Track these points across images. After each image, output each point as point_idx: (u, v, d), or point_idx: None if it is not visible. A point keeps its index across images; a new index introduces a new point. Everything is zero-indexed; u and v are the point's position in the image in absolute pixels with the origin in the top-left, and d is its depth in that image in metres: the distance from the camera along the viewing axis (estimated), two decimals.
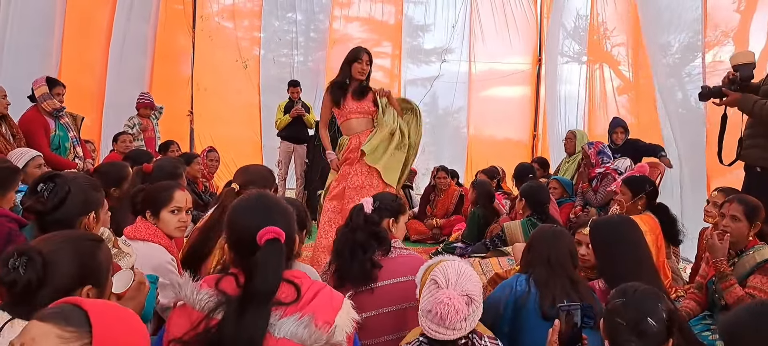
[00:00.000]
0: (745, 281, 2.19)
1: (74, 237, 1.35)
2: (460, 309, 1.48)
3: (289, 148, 6.35)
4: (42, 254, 1.22)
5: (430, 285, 1.57)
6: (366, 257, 1.98)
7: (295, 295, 1.27)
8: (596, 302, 1.87)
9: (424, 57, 8.23)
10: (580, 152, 4.78)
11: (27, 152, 2.99)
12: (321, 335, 1.21)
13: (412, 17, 8.10)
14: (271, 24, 7.74)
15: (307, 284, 1.32)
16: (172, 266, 1.94)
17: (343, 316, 1.30)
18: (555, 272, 1.91)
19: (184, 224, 2.06)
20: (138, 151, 4.09)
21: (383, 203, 2.13)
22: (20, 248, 1.22)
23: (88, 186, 1.73)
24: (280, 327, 1.21)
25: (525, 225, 3.34)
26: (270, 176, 2.35)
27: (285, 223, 1.33)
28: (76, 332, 0.82)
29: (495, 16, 7.71)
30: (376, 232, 2.04)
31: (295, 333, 1.20)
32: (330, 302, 1.31)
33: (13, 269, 1.18)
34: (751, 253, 2.23)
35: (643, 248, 2.12)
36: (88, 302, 0.89)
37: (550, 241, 2.00)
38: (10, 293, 1.20)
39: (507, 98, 8.12)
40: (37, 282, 1.19)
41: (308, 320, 1.22)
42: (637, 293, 1.42)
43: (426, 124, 8.14)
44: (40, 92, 3.71)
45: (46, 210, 1.64)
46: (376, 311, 1.96)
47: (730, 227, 2.27)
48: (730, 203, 2.32)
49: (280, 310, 1.24)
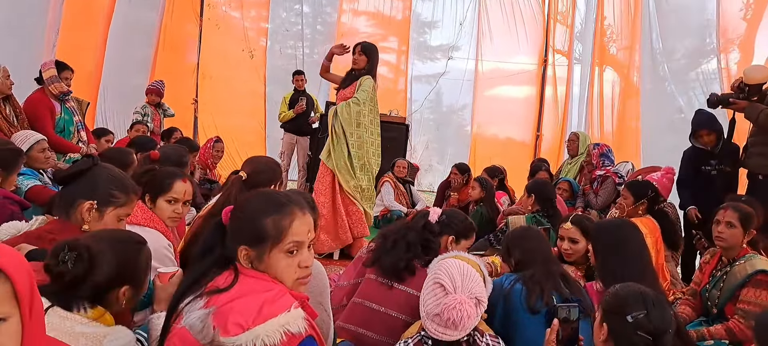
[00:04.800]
0: (737, 292, 2.21)
1: (120, 238, 1.42)
2: (471, 313, 1.49)
3: (293, 139, 6.37)
4: (90, 251, 1.27)
5: (435, 288, 1.56)
6: (404, 256, 1.98)
7: (228, 285, 1.15)
8: (584, 295, 1.90)
9: (430, 54, 8.23)
10: (583, 154, 4.77)
11: (32, 135, 2.99)
12: (210, 333, 1.07)
13: (420, 14, 8.09)
14: (279, 15, 7.74)
15: (252, 282, 1.17)
16: (168, 251, 1.94)
17: (269, 327, 1.06)
18: (549, 270, 1.92)
19: (179, 216, 2.03)
20: (144, 137, 4.10)
21: (450, 219, 2.13)
22: (71, 242, 1.28)
23: (111, 178, 1.68)
24: (189, 315, 1.13)
25: (530, 220, 3.34)
26: (277, 167, 2.35)
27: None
28: None
29: (504, 15, 7.70)
30: (428, 239, 2.04)
31: (193, 325, 1.10)
32: (260, 308, 1.09)
33: (63, 262, 1.25)
34: (742, 262, 2.25)
35: (644, 252, 2.13)
36: None
37: (536, 240, 2.03)
38: (55, 283, 1.25)
39: (511, 98, 8.11)
40: (83, 277, 1.25)
41: (206, 313, 1.09)
42: (656, 304, 1.40)
43: (430, 121, 8.23)
44: (49, 75, 3.72)
45: (59, 178, 1.68)
46: (384, 308, 1.96)
47: (725, 234, 2.28)
48: (725, 210, 2.34)
49: (211, 299, 1.13)
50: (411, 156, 6.93)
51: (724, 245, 2.32)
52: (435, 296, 1.55)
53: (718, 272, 2.36)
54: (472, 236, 2.21)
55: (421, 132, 8.06)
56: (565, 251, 2.51)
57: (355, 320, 1.98)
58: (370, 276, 2.04)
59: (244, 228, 1.21)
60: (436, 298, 1.54)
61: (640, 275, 1.88)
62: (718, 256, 2.42)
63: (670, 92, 4.71)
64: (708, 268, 2.45)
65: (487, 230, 4.09)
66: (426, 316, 1.56)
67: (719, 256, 2.41)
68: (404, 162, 5.63)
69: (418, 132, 7.97)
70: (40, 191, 2.68)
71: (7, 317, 0.87)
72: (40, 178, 2.87)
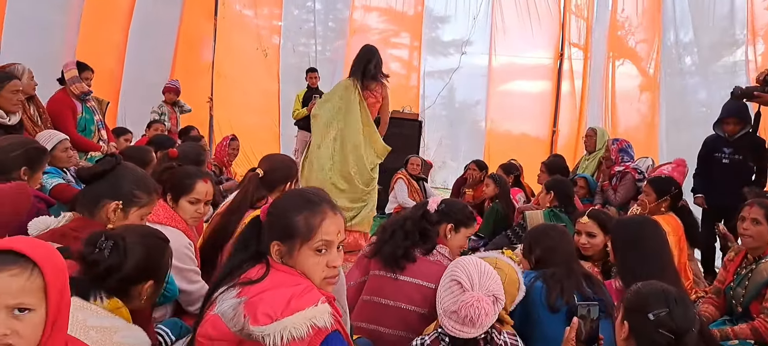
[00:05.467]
0: (762, 290, 2.15)
1: (149, 233, 1.46)
2: (489, 311, 1.49)
3: (306, 137, 6.37)
4: (125, 242, 1.31)
5: (452, 285, 1.56)
6: (402, 244, 1.99)
7: (259, 277, 1.18)
8: (606, 294, 1.87)
9: (443, 49, 8.17)
10: (601, 150, 4.70)
11: (55, 135, 3.06)
12: (240, 320, 1.11)
13: (432, 9, 8.03)
14: (291, 12, 7.76)
15: (283, 276, 1.20)
16: (189, 250, 1.96)
17: (296, 320, 1.08)
18: (571, 268, 1.90)
19: (201, 216, 2.06)
20: (162, 136, 4.16)
21: (449, 207, 2.14)
22: (107, 232, 1.31)
23: (134, 179, 1.71)
24: (222, 303, 1.17)
25: (547, 215, 3.31)
26: (293, 165, 2.37)
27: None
28: (20, 266, 0.88)
29: (518, 8, 7.60)
30: (425, 228, 2.05)
31: (225, 312, 1.15)
32: (288, 301, 1.11)
33: (100, 249, 1.28)
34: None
35: (666, 250, 2.09)
36: (4, 243, 0.92)
37: (558, 238, 2.01)
38: (89, 271, 1.28)
39: (526, 93, 8.02)
40: (117, 267, 1.28)
41: (238, 302, 1.14)
42: (678, 302, 1.38)
43: (443, 117, 8.18)
44: (70, 75, 3.80)
45: (84, 176, 1.71)
46: (393, 302, 1.96)
47: (750, 230, 2.22)
48: (750, 207, 2.28)
49: (244, 289, 1.18)
50: (424, 153, 6.91)
51: (750, 242, 2.26)
52: (452, 294, 1.55)
53: (742, 269, 2.31)
54: (473, 225, 2.19)
55: (434, 128, 8.02)
56: (582, 246, 2.49)
57: (367, 317, 2.00)
58: (374, 272, 2.05)
59: (276, 224, 1.25)
60: (454, 295, 1.54)
61: (660, 274, 1.85)
62: (743, 253, 2.37)
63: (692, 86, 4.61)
64: (732, 265, 2.39)
65: (502, 226, 4.07)
66: (443, 313, 1.56)
67: (744, 253, 2.35)
68: (418, 159, 5.61)
69: (432, 128, 7.93)
70: (64, 189, 2.74)
71: (33, 308, 0.90)
72: (63, 176, 2.94)
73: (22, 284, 0.88)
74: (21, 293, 0.88)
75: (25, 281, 0.88)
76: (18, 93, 3.04)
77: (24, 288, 0.88)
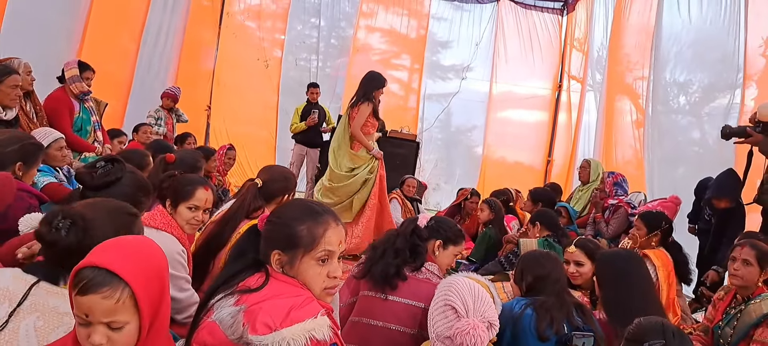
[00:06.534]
0: (751, 331, 2.15)
1: (114, 207, 1.36)
2: (484, 338, 1.49)
3: (303, 151, 6.41)
4: (85, 219, 1.21)
5: (446, 310, 1.55)
6: (393, 262, 1.99)
7: (259, 286, 1.18)
8: (596, 325, 1.88)
9: (442, 73, 8.27)
10: (595, 182, 4.75)
11: (51, 133, 3.03)
12: (239, 329, 1.10)
13: (435, 33, 8.16)
14: (294, 27, 7.85)
15: (282, 286, 1.19)
16: (181, 257, 1.95)
17: (295, 331, 1.08)
18: (562, 298, 1.90)
19: (198, 223, 2.05)
20: (159, 141, 4.15)
21: (439, 224, 2.14)
22: (65, 210, 1.23)
23: (139, 186, 1.74)
24: (220, 310, 1.16)
25: (542, 244, 3.32)
26: (292, 178, 2.37)
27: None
28: (111, 287, 0.93)
29: (520, 38, 7.73)
30: (415, 244, 2.04)
31: (223, 320, 1.14)
32: (288, 311, 1.11)
33: (56, 229, 1.19)
34: (757, 301, 2.19)
35: (650, 284, 2.11)
36: (98, 257, 0.95)
37: (550, 266, 2.01)
38: (48, 253, 1.22)
39: (523, 121, 8.11)
40: (76, 246, 1.17)
41: (237, 310, 1.13)
42: (675, 336, 1.38)
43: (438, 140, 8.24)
44: (71, 74, 3.78)
45: (92, 186, 1.69)
46: (382, 322, 1.95)
47: (740, 272, 2.24)
48: (742, 247, 2.30)
49: (242, 297, 1.17)
50: (419, 174, 6.93)
51: (740, 282, 2.27)
52: (446, 319, 1.54)
53: (732, 309, 2.32)
54: (461, 242, 2.19)
55: (430, 150, 8.07)
56: (571, 275, 2.49)
57: (356, 338, 1.97)
58: (363, 292, 2.04)
59: (279, 232, 1.25)
60: (448, 320, 1.53)
61: (644, 307, 1.86)
62: (732, 293, 2.38)
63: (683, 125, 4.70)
64: (722, 305, 2.40)
65: (496, 252, 4.06)
66: (436, 337, 1.55)
67: (734, 293, 2.37)
68: (414, 181, 5.62)
69: (427, 150, 7.98)
70: (56, 188, 2.71)
71: (125, 323, 0.96)
72: (55, 175, 2.91)
73: (111, 305, 0.93)
74: (112, 313, 0.94)
75: (115, 303, 0.94)
76: (17, 88, 3.03)
77: (114, 309, 0.94)
